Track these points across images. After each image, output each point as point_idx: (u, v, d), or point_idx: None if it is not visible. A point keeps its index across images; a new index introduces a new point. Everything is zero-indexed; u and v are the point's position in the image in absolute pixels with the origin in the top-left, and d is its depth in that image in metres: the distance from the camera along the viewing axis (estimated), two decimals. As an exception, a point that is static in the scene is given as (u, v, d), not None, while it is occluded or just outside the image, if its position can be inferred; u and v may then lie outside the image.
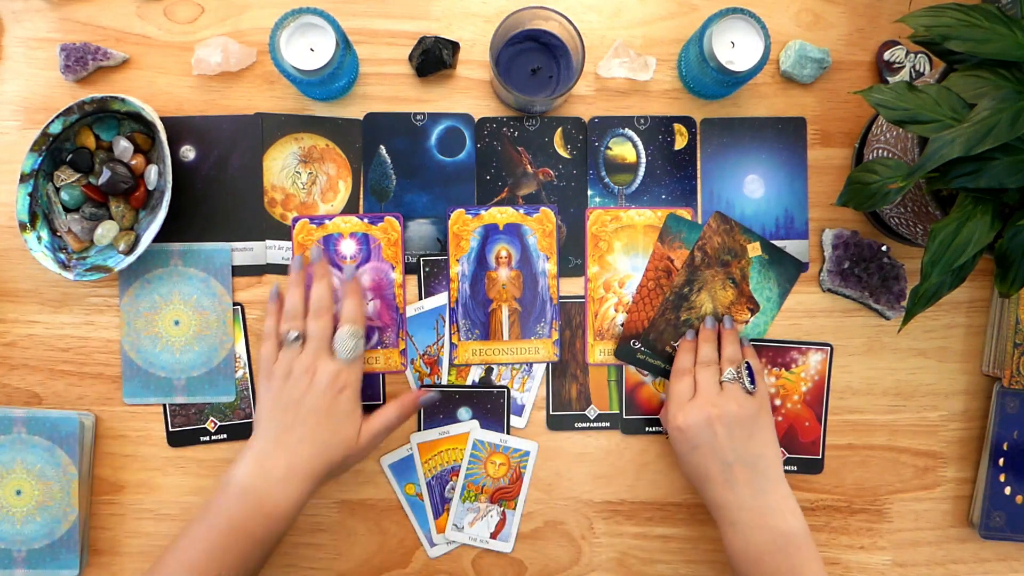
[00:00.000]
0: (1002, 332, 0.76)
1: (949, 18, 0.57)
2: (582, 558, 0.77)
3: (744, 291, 0.76)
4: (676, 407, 0.69)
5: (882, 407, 0.78)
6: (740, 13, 0.70)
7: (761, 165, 0.77)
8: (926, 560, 0.78)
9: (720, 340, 0.74)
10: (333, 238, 0.76)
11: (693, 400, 0.69)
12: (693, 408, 0.68)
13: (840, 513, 0.78)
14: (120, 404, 0.76)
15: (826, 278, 0.76)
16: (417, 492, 0.76)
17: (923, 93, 0.57)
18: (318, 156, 0.76)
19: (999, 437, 0.76)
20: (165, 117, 0.75)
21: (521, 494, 0.76)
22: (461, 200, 0.77)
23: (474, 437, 0.76)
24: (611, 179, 0.77)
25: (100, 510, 0.76)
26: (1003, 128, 0.53)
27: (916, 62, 0.77)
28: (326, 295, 0.69)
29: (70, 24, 0.76)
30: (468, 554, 0.77)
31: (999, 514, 0.75)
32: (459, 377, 0.77)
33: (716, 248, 0.76)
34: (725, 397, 0.68)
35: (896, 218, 0.69)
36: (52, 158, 0.73)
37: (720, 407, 0.67)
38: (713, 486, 0.66)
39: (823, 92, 0.78)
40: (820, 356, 0.77)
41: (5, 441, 0.73)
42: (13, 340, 0.76)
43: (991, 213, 0.56)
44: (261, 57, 0.76)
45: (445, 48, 0.75)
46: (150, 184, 0.73)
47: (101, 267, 0.72)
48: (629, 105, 0.77)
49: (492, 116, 0.77)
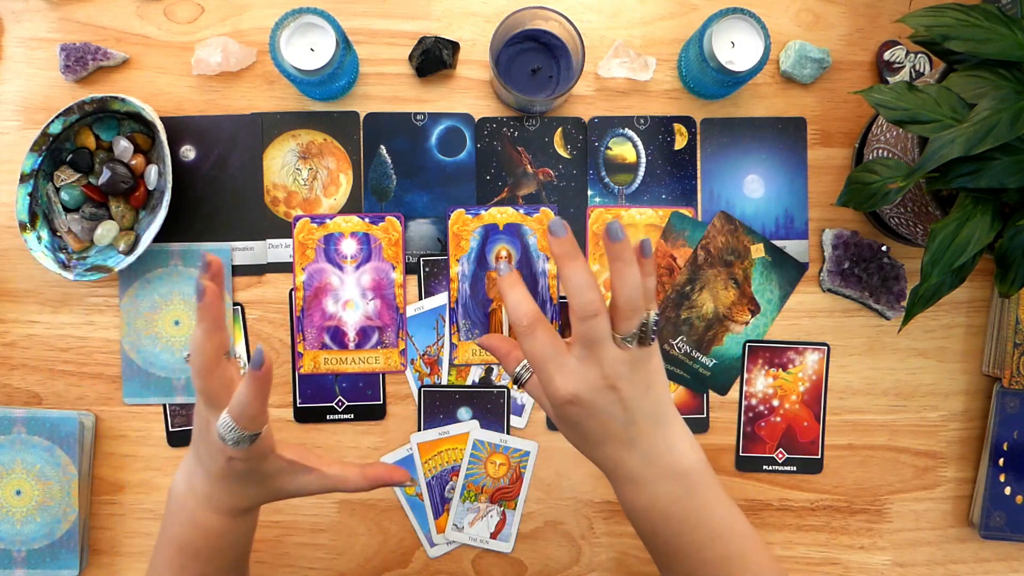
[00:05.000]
0: (1002, 332, 0.76)
1: (949, 18, 0.57)
2: (582, 558, 0.77)
3: (746, 292, 0.76)
4: (556, 370, 0.54)
5: (882, 407, 0.78)
6: (740, 13, 0.70)
7: (761, 165, 0.77)
8: (926, 560, 0.78)
9: None
10: (334, 237, 0.76)
11: (576, 358, 0.54)
12: (582, 371, 0.54)
13: (840, 513, 0.78)
14: (120, 404, 0.76)
15: (826, 278, 0.76)
16: (417, 492, 0.76)
17: (923, 93, 0.57)
18: (317, 151, 0.76)
19: (999, 437, 0.76)
20: (165, 117, 0.75)
21: (521, 494, 0.76)
22: (461, 200, 0.77)
23: (474, 437, 0.76)
24: (611, 179, 0.77)
25: (100, 510, 0.76)
26: (1003, 128, 0.53)
27: (916, 62, 0.77)
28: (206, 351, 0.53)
29: (70, 24, 0.76)
30: (468, 554, 0.77)
31: (999, 514, 0.76)
32: (459, 377, 0.77)
33: (720, 248, 0.76)
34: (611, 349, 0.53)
35: (896, 218, 0.69)
36: (52, 158, 0.73)
37: (614, 363, 0.53)
38: (611, 446, 0.56)
39: (823, 92, 0.78)
40: (817, 356, 0.77)
41: (5, 441, 0.73)
42: (13, 340, 0.76)
43: (991, 213, 0.56)
44: (261, 57, 0.76)
45: (445, 48, 0.75)
46: (150, 184, 0.73)
47: (101, 267, 0.72)
48: (629, 105, 0.77)
49: (492, 116, 0.77)
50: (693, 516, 0.55)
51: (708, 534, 0.55)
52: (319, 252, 0.76)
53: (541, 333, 0.54)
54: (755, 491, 0.77)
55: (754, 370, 0.77)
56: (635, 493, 0.56)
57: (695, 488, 0.55)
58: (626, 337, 0.53)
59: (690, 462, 0.56)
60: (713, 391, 0.77)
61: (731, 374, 0.77)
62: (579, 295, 0.52)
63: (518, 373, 0.60)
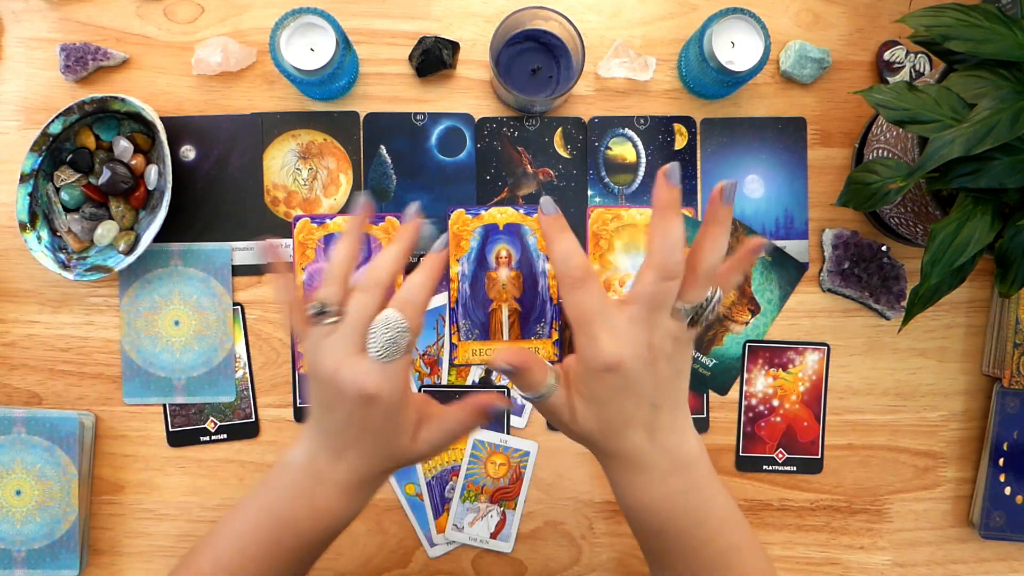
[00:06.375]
0: (1002, 332, 0.76)
1: (949, 18, 0.57)
2: (582, 558, 0.77)
3: (746, 292, 0.76)
4: (603, 329, 0.49)
5: (882, 407, 0.78)
6: (740, 13, 0.70)
7: (761, 165, 0.77)
8: (926, 560, 0.78)
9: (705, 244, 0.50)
10: (334, 237, 0.76)
11: (627, 318, 0.49)
12: (632, 333, 0.49)
13: (840, 513, 0.78)
14: (120, 404, 0.76)
15: (826, 278, 0.76)
16: (417, 492, 0.76)
17: (923, 93, 0.57)
18: (316, 151, 0.76)
19: (999, 437, 0.76)
20: (165, 117, 0.75)
21: (521, 494, 0.77)
22: (461, 200, 0.77)
23: (474, 437, 0.76)
24: (611, 179, 0.77)
25: (100, 510, 0.76)
26: (1003, 128, 0.53)
27: (916, 62, 0.77)
28: (390, 264, 0.52)
29: (70, 24, 0.76)
30: (468, 554, 0.77)
31: (999, 514, 0.76)
32: (459, 377, 0.77)
33: (716, 248, 0.76)
34: (665, 320, 0.50)
35: (896, 218, 0.69)
36: (52, 158, 0.73)
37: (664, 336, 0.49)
38: (633, 433, 0.51)
39: (823, 92, 0.78)
40: (817, 356, 0.77)
41: (5, 441, 0.73)
42: (13, 340, 0.76)
43: (991, 213, 0.56)
44: (261, 57, 0.76)
45: (445, 48, 0.75)
46: (150, 184, 0.73)
47: (101, 267, 0.72)
48: (629, 105, 0.77)
49: (492, 116, 0.77)
50: (700, 508, 0.53)
51: (714, 526, 0.53)
52: (319, 252, 0.76)
53: (594, 285, 0.49)
54: (755, 491, 0.77)
55: (754, 370, 0.77)
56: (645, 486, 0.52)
57: (699, 480, 0.53)
58: (686, 308, 0.49)
59: (695, 455, 0.53)
60: (713, 391, 0.77)
61: (731, 374, 0.77)
62: (670, 252, 0.48)
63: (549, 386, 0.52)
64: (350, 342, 0.50)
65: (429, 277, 0.52)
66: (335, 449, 0.52)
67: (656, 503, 0.52)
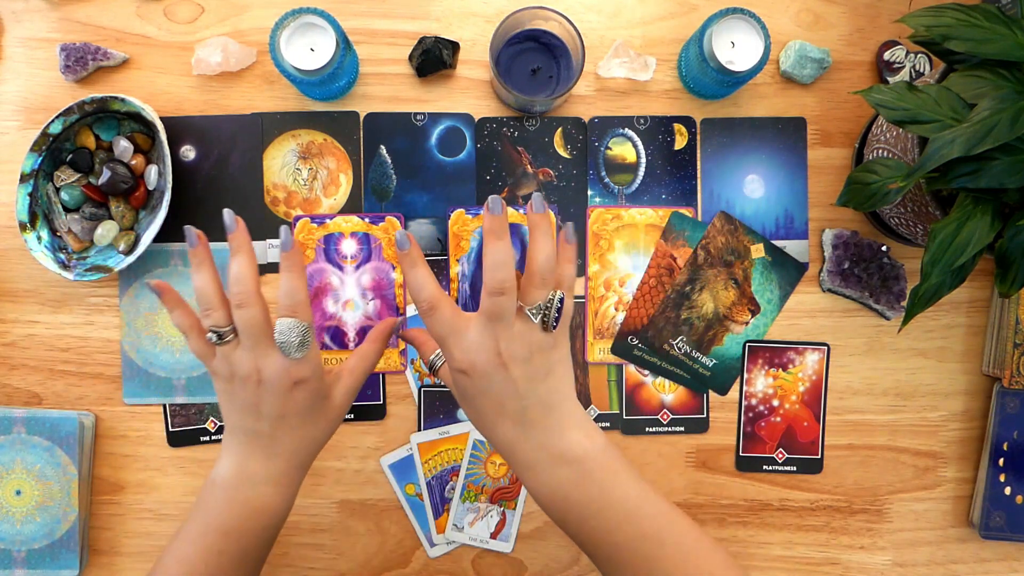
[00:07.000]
0: (1002, 332, 0.76)
1: (949, 18, 0.57)
2: (582, 558, 0.77)
3: (746, 292, 0.76)
4: (455, 343, 0.56)
5: (882, 407, 0.78)
6: (740, 13, 0.70)
7: (761, 165, 0.77)
8: (926, 560, 0.78)
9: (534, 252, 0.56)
10: (334, 237, 0.76)
11: (476, 332, 0.55)
12: (479, 343, 0.55)
13: (840, 513, 0.78)
14: (120, 404, 0.76)
15: (826, 278, 0.76)
16: (417, 492, 0.76)
17: (923, 93, 0.57)
18: (316, 151, 0.76)
19: (999, 437, 0.76)
20: (165, 117, 0.75)
21: (521, 494, 0.76)
22: (461, 200, 0.77)
23: (474, 437, 0.76)
24: (611, 179, 0.77)
25: (100, 510, 0.76)
26: (1003, 128, 0.53)
27: (916, 62, 0.77)
28: (246, 274, 0.56)
29: (70, 24, 0.76)
30: (468, 554, 0.77)
31: (999, 514, 0.76)
32: (459, 377, 0.76)
33: (720, 248, 0.76)
34: (520, 326, 0.55)
35: (896, 218, 0.69)
36: (52, 158, 0.73)
37: (512, 342, 0.55)
38: (506, 428, 0.57)
39: (823, 92, 0.78)
40: (817, 356, 0.77)
41: (5, 441, 0.73)
42: (13, 340, 0.76)
43: (991, 213, 0.56)
44: (261, 57, 0.76)
45: (445, 48, 0.75)
46: (150, 184, 0.73)
47: (101, 267, 0.72)
48: (629, 105, 0.77)
49: (492, 116, 0.77)
50: (596, 499, 0.56)
51: (615, 516, 0.55)
52: (319, 252, 0.76)
53: (442, 310, 0.56)
54: (755, 491, 0.77)
55: (754, 370, 0.77)
56: (534, 479, 0.57)
57: (591, 472, 0.56)
58: (531, 309, 0.55)
59: (583, 449, 0.57)
60: (713, 391, 0.77)
61: (731, 374, 0.77)
62: (494, 271, 0.54)
63: (432, 360, 0.64)
64: (258, 346, 0.56)
65: (299, 276, 0.57)
66: (265, 448, 0.58)
67: (548, 494, 0.57)
